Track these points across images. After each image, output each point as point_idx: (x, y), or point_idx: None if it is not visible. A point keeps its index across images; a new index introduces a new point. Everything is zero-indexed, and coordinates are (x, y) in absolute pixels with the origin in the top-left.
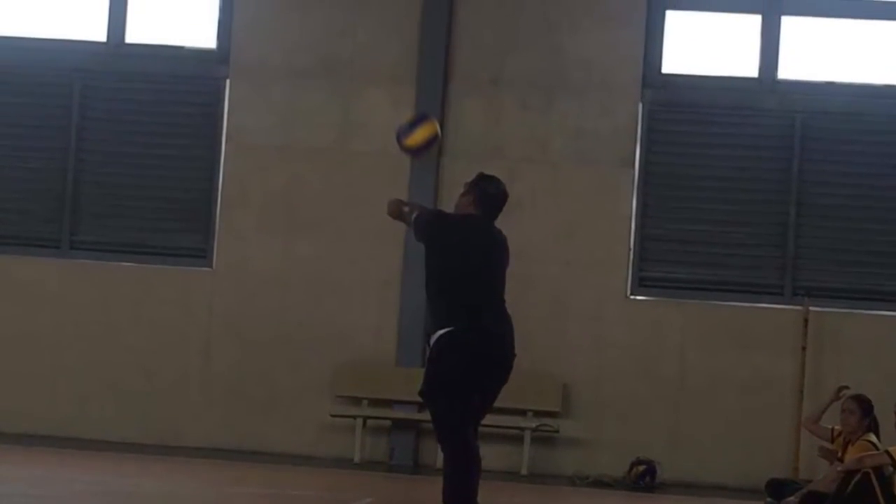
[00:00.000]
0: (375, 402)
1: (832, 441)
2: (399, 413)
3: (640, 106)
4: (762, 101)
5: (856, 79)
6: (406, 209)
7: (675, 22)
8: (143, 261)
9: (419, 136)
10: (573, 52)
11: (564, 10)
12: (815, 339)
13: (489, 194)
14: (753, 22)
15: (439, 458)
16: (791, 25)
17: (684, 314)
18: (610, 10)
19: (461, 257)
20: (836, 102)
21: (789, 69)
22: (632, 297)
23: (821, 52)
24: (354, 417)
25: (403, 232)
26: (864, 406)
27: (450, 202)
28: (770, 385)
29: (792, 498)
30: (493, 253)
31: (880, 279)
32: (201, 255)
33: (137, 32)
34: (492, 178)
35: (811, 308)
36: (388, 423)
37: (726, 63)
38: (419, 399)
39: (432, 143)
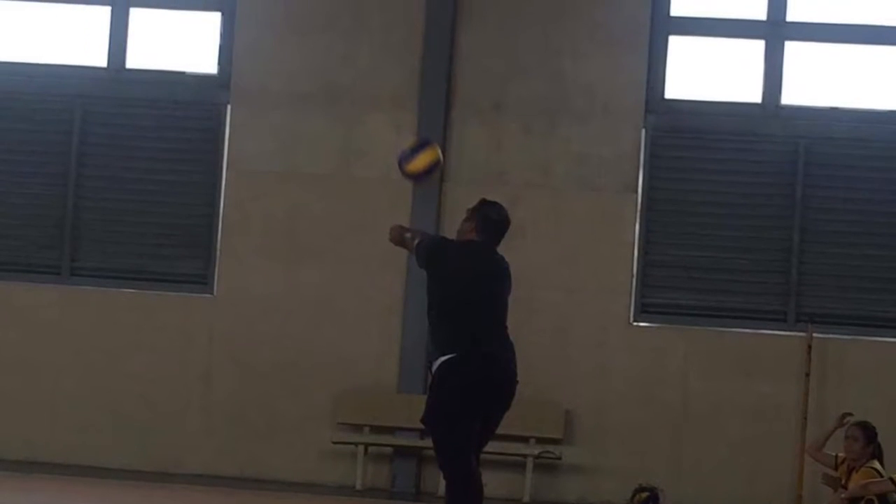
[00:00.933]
0: (377, 429)
1: (836, 468)
2: (401, 440)
3: (643, 131)
4: (765, 127)
5: (860, 104)
6: (408, 235)
7: (678, 47)
8: (143, 287)
9: (421, 161)
10: (576, 77)
11: (567, 35)
12: (818, 366)
13: (491, 220)
14: (756, 47)
15: (441, 486)
16: (794, 51)
17: (687, 340)
18: (612, 35)
19: (463, 284)
20: (840, 128)
21: (793, 95)
22: (634, 323)
23: (825, 78)
24: (356, 444)
25: (405, 258)
26: (868, 433)
27: (452, 228)
28: (773, 412)
29: None
30: (495, 279)
31: (884, 305)
32: (202, 281)
33: (138, 58)
34: (494, 204)
35: (815, 334)
36: (389, 450)
37: (729, 89)
38: (421, 426)
39: (434, 168)
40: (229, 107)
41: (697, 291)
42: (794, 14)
